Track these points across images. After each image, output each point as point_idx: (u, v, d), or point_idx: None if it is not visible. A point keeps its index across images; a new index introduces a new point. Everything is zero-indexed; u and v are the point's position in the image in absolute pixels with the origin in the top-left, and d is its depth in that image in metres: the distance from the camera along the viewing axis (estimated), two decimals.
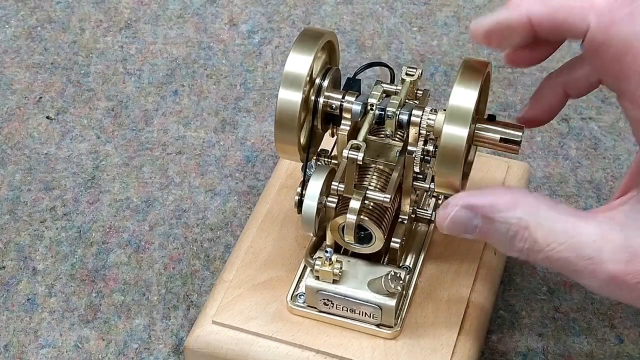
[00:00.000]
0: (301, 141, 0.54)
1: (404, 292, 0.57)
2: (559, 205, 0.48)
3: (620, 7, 0.44)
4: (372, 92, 0.54)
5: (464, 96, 0.50)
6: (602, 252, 0.46)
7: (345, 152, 0.52)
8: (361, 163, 0.52)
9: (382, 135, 0.56)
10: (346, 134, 0.54)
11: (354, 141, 0.52)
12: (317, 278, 0.55)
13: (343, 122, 0.54)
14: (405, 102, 0.54)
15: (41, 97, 0.76)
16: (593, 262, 0.46)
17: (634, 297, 0.47)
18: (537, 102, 0.54)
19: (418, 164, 0.54)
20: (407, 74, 0.55)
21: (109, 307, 0.63)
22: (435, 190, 0.53)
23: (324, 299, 0.56)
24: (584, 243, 0.46)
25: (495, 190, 0.49)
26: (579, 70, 0.52)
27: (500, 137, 0.52)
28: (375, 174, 0.55)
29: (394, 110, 0.53)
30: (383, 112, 0.53)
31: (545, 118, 0.54)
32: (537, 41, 0.48)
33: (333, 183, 0.54)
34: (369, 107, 0.53)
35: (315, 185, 0.54)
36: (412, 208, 0.57)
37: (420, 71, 0.55)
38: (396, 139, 0.56)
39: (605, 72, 0.46)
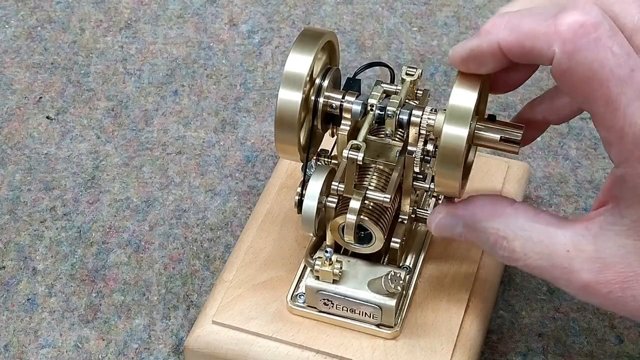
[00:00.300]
0: (301, 141, 0.54)
1: (404, 292, 0.57)
2: (539, 214, 0.50)
3: (585, 34, 0.45)
4: (372, 93, 0.54)
5: (464, 96, 0.50)
6: (574, 262, 0.49)
7: (345, 152, 0.52)
8: (361, 163, 0.52)
9: (382, 135, 0.56)
10: (346, 134, 0.54)
11: (354, 141, 0.52)
12: (317, 278, 0.55)
13: (343, 122, 0.54)
14: (405, 102, 0.54)
15: (41, 97, 0.76)
16: (567, 271, 0.49)
17: (607, 304, 0.49)
18: None
19: (418, 164, 0.54)
20: (407, 74, 0.55)
21: (109, 307, 0.63)
22: (435, 190, 0.53)
23: (324, 299, 0.56)
24: (558, 253, 0.49)
25: (479, 200, 0.52)
26: (561, 99, 0.55)
27: (501, 137, 0.52)
28: (375, 174, 0.55)
29: (394, 109, 0.53)
30: (383, 112, 0.53)
31: (525, 142, 0.56)
32: (513, 66, 0.50)
33: (333, 183, 0.54)
34: (369, 108, 0.53)
35: (315, 185, 0.54)
36: (412, 208, 0.57)
37: (420, 71, 0.55)
38: (396, 139, 0.56)
39: (574, 96, 0.47)
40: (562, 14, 0.45)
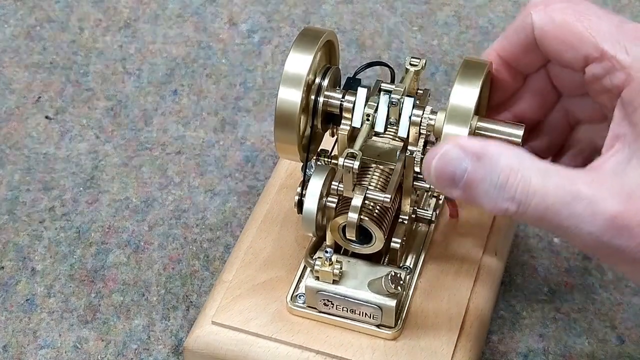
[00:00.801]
0: (301, 141, 0.54)
1: (404, 292, 0.56)
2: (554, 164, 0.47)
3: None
4: (369, 103, 0.53)
5: (465, 95, 0.50)
6: (600, 191, 0.44)
7: (340, 161, 0.51)
8: (357, 171, 0.51)
9: (382, 136, 0.56)
10: (346, 134, 0.54)
11: (350, 150, 0.51)
12: (317, 278, 0.55)
13: (343, 122, 0.54)
14: (407, 93, 0.54)
15: (40, 97, 0.76)
16: (591, 202, 0.44)
17: (633, 244, 0.44)
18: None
19: (418, 164, 0.54)
20: (411, 64, 0.55)
21: (108, 307, 0.63)
22: (436, 190, 0.52)
23: (324, 300, 0.55)
24: (580, 184, 0.45)
25: (490, 139, 0.48)
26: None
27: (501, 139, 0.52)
28: (375, 173, 0.55)
29: (399, 97, 0.53)
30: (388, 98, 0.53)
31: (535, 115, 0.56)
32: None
33: (333, 183, 0.54)
34: (364, 117, 0.53)
35: (315, 185, 0.54)
36: (412, 208, 0.57)
37: (424, 61, 0.55)
38: (397, 138, 0.55)
39: (566, 51, 0.50)
40: None
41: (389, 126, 0.54)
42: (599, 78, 0.49)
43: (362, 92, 0.53)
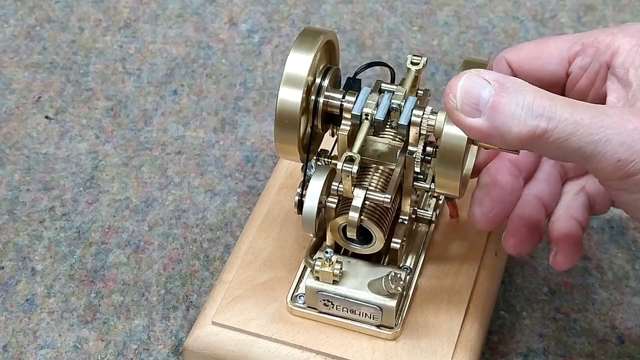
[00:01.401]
0: (301, 141, 0.54)
1: (405, 292, 0.56)
2: None
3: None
4: (368, 102, 0.53)
5: None
6: (622, 110, 0.46)
7: (339, 165, 0.51)
8: (356, 175, 0.51)
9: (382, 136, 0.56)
10: (346, 134, 0.54)
11: (349, 153, 0.51)
12: (317, 279, 0.55)
13: (343, 122, 0.54)
14: (408, 94, 0.54)
15: (40, 97, 0.76)
16: (617, 115, 0.45)
17: None
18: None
19: (418, 164, 0.54)
20: (412, 63, 0.55)
21: (108, 307, 0.62)
22: (436, 190, 0.52)
23: (324, 300, 0.55)
24: (604, 107, 0.46)
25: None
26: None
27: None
28: (375, 174, 0.55)
29: (400, 102, 0.52)
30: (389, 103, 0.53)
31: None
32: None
33: (333, 183, 0.54)
34: (363, 117, 0.53)
35: (316, 185, 0.54)
36: (412, 208, 0.57)
37: (425, 59, 0.55)
38: (397, 139, 0.55)
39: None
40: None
41: (388, 127, 0.54)
42: (585, 68, 0.51)
43: (364, 91, 0.53)
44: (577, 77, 0.53)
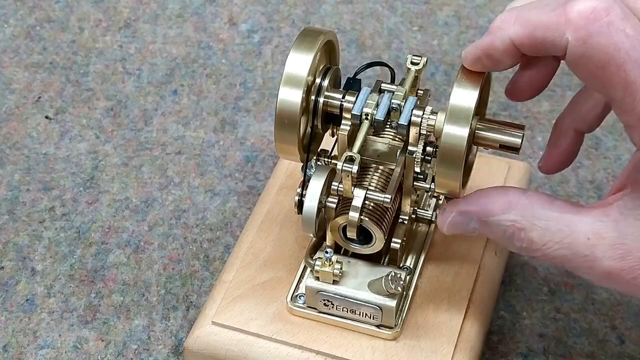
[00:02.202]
0: (301, 141, 0.54)
1: (405, 292, 0.56)
2: (554, 202, 0.49)
3: (597, 19, 0.45)
4: (368, 102, 0.53)
5: (465, 96, 0.50)
6: (596, 250, 0.48)
7: (339, 165, 0.51)
8: (356, 175, 0.51)
9: (382, 136, 0.56)
10: (346, 134, 0.54)
11: (349, 153, 0.51)
12: (317, 279, 0.55)
13: (343, 122, 0.54)
14: (408, 94, 0.54)
15: (40, 97, 0.76)
16: (589, 259, 0.48)
17: (631, 290, 0.48)
18: (554, 148, 0.55)
19: (418, 164, 0.54)
20: (412, 63, 0.55)
21: (108, 307, 0.62)
22: (436, 190, 0.52)
23: (324, 300, 0.55)
24: (579, 242, 0.48)
25: (489, 194, 0.51)
26: (584, 105, 0.54)
27: (500, 145, 0.52)
28: (375, 174, 0.55)
29: (399, 102, 0.52)
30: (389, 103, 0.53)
31: (567, 160, 0.56)
32: (531, 64, 0.50)
33: (333, 183, 0.54)
34: (363, 117, 0.53)
35: (316, 185, 0.54)
36: (412, 208, 0.57)
37: (425, 59, 0.55)
38: (397, 139, 0.55)
39: (591, 84, 0.47)
40: (571, 1, 0.45)
41: (388, 126, 0.54)
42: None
43: (364, 91, 0.53)
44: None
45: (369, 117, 0.53)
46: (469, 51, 0.49)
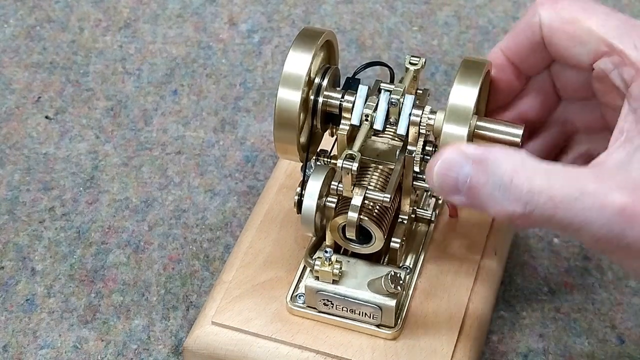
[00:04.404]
0: (301, 141, 0.54)
1: (404, 292, 0.56)
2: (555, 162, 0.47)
3: None
4: (368, 103, 0.53)
5: (464, 95, 0.50)
6: (605, 184, 0.44)
7: (339, 163, 0.51)
8: (356, 173, 0.51)
9: (382, 135, 0.56)
10: (345, 134, 0.54)
11: (349, 151, 0.51)
12: (317, 278, 0.55)
13: (343, 122, 0.54)
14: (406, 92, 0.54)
15: (40, 97, 0.76)
16: (599, 196, 0.44)
17: None
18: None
19: (418, 164, 0.54)
20: (410, 63, 0.55)
21: (108, 307, 0.63)
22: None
23: (323, 300, 0.55)
24: (586, 179, 0.45)
25: (490, 145, 0.50)
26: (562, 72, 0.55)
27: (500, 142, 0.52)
28: (375, 173, 0.55)
29: (398, 97, 0.53)
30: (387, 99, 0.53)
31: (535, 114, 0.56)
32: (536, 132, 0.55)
33: (333, 183, 0.54)
34: (363, 118, 0.53)
35: (315, 185, 0.54)
36: (412, 208, 0.57)
37: (424, 60, 0.55)
38: (396, 138, 0.55)
39: (572, 46, 0.51)
40: None
41: (388, 126, 0.54)
42: (607, 73, 0.50)
43: (362, 90, 0.53)
44: (596, 80, 0.52)
45: (369, 119, 0.53)
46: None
